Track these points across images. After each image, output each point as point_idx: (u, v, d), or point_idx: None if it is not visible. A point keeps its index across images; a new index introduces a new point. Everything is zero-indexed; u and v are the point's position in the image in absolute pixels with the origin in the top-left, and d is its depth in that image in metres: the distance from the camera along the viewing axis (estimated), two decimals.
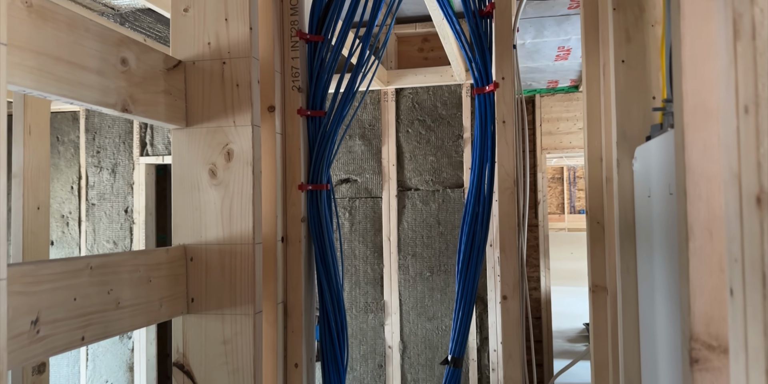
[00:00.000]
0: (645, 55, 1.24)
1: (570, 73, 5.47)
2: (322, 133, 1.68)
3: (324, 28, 1.69)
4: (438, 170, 3.81)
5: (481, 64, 1.59)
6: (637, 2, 1.25)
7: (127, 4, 2.48)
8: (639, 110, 1.23)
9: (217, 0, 1.46)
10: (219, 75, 1.45)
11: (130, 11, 2.66)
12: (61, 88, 1.05)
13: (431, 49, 4.05)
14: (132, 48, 1.26)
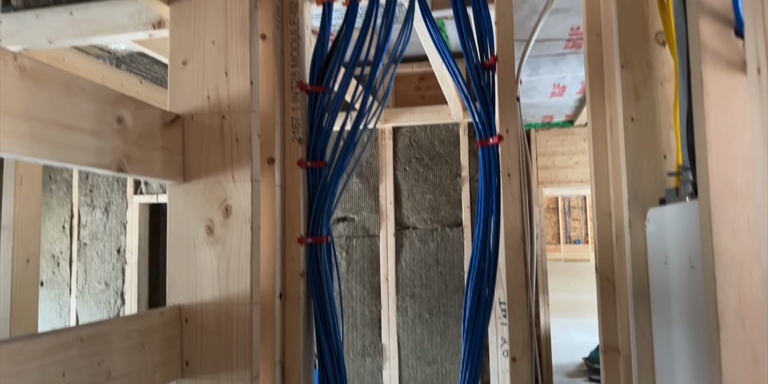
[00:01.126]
0: (655, 113, 1.21)
1: (565, 108, 5.49)
2: (323, 184, 1.64)
3: (325, 79, 1.67)
4: (436, 208, 3.77)
5: (484, 116, 1.56)
6: (645, 60, 1.23)
7: (124, 48, 2.46)
8: (650, 169, 1.20)
9: (217, 53, 1.43)
10: (218, 129, 1.42)
11: (126, 54, 2.64)
12: (54, 153, 1.01)
13: (428, 88, 4.05)
14: (128, 105, 1.22)
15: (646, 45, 1.23)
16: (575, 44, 3.71)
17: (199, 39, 1.45)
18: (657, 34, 1.24)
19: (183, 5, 1.46)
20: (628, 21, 1.25)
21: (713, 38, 0.72)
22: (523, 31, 3.36)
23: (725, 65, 0.72)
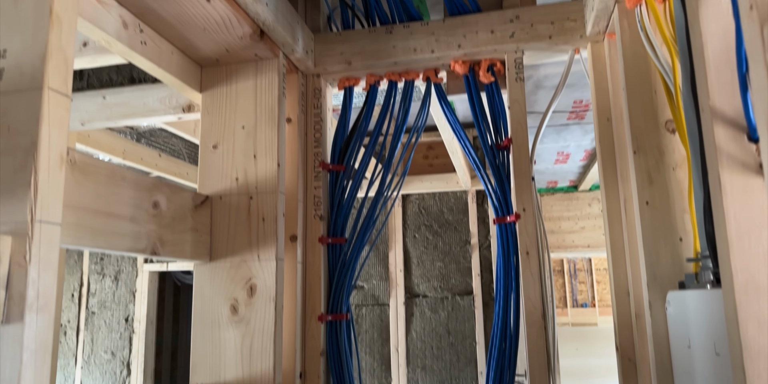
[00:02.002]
0: (668, 197, 1.26)
1: (569, 174, 5.58)
2: (343, 260, 1.68)
3: (345, 159, 1.74)
4: (446, 276, 3.77)
5: (501, 194, 1.62)
6: (656, 146, 1.29)
7: (146, 125, 2.56)
8: (667, 252, 1.24)
9: (246, 137, 1.51)
10: (245, 209, 1.47)
11: (147, 129, 2.74)
12: (96, 240, 1.05)
13: (436, 157, 4.15)
14: (163, 190, 1.28)
15: (657, 132, 1.30)
16: (578, 116, 3.82)
17: (229, 124, 1.52)
18: (666, 122, 1.31)
19: (215, 93, 1.55)
20: (638, 110, 1.32)
21: (728, 143, 0.78)
22: (528, 103, 3.48)
23: (741, 167, 0.77)
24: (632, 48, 1.36)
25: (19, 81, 0.73)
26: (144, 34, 1.32)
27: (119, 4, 1.24)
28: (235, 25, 1.37)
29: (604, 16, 1.44)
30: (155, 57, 1.35)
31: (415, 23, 1.71)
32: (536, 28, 1.60)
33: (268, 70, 1.55)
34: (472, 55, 1.68)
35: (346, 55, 1.73)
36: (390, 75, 1.77)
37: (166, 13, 1.29)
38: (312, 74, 1.77)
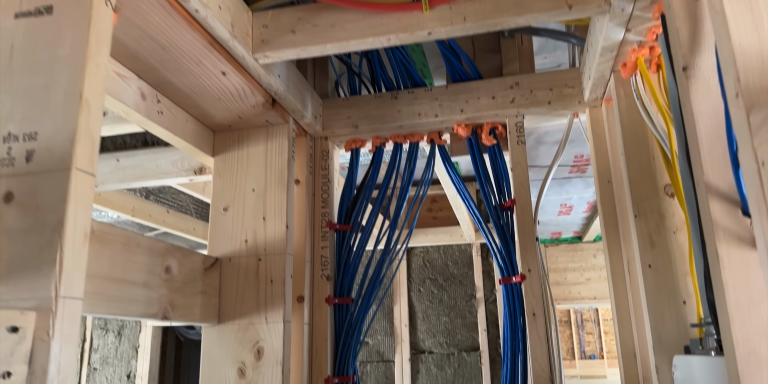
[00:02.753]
0: (671, 260, 1.28)
1: (573, 225, 5.60)
2: (349, 321, 1.68)
3: (352, 219, 1.77)
4: (452, 332, 3.74)
5: (506, 255, 1.64)
6: (656, 210, 1.33)
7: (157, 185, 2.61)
8: (671, 315, 1.25)
9: (256, 200, 1.55)
10: (254, 271, 1.49)
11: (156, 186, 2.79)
12: (110, 308, 1.08)
13: (440, 209, 4.18)
14: (175, 254, 1.31)
15: (657, 197, 1.34)
16: (580, 169, 3.88)
17: (240, 187, 1.57)
18: (665, 186, 1.35)
19: (227, 157, 1.60)
20: (638, 174, 1.36)
21: (723, 217, 0.81)
22: (530, 158, 3.54)
23: (737, 241, 0.80)
24: (629, 114, 1.41)
25: (49, 162, 0.77)
26: (161, 104, 1.38)
27: (138, 77, 1.31)
28: (249, 95, 1.43)
29: (601, 84, 1.51)
30: (171, 125, 1.41)
31: (419, 89, 1.78)
32: (536, 94, 1.67)
33: (278, 135, 1.60)
34: (474, 119, 1.74)
35: (353, 119, 1.79)
36: (395, 137, 1.83)
37: (183, 85, 1.36)
38: (320, 137, 1.83)
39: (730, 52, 0.70)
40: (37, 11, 0.85)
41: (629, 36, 1.27)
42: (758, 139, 0.65)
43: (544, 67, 2.65)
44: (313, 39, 1.30)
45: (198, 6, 1.08)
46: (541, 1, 1.19)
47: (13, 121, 0.80)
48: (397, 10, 1.26)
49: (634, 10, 1.17)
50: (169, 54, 1.21)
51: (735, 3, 0.71)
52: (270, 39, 1.31)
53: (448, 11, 1.24)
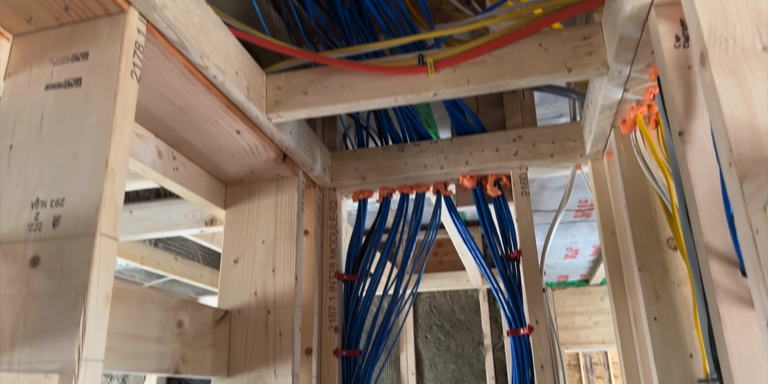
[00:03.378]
0: (676, 313, 1.30)
1: (579, 269, 5.58)
2: (357, 373, 1.69)
3: (360, 269, 1.80)
4: (460, 380, 3.69)
5: (513, 306, 1.65)
6: (660, 263, 1.35)
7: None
8: (678, 368, 1.25)
9: (266, 252, 1.58)
10: (263, 324, 1.51)
11: None
12: (125, 364, 1.09)
13: (446, 254, 4.19)
14: (187, 308, 1.33)
15: (660, 250, 1.36)
16: (584, 214, 3.90)
17: (250, 239, 1.60)
18: (668, 239, 1.37)
19: (238, 209, 1.64)
20: (640, 227, 1.39)
21: (724, 278, 0.84)
22: (534, 203, 3.57)
23: (738, 301, 0.82)
24: (630, 169, 1.45)
25: (74, 227, 0.81)
26: (176, 161, 1.43)
27: (156, 136, 1.36)
28: (261, 151, 1.48)
29: (602, 139, 1.55)
30: (185, 181, 1.46)
31: (424, 142, 1.83)
32: (538, 147, 1.72)
33: (288, 188, 1.64)
34: (479, 171, 1.78)
35: (361, 171, 1.84)
36: (402, 188, 1.87)
37: (198, 143, 1.41)
38: (329, 188, 1.87)
39: (722, 124, 0.74)
40: (67, 83, 0.90)
41: (627, 95, 1.32)
42: (752, 208, 0.68)
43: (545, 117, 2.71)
44: (325, 100, 1.36)
45: (216, 72, 1.14)
46: (542, 65, 1.25)
47: (41, 188, 0.85)
48: (404, 73, 1.32)
49: (631, 73, 1.22)
50: (186, 115, 1.27)
51: (724, 77, 0.76)
52: (283, 100, 1.36)
53: (452, 74, 1.30)
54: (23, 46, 0.95)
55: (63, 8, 0.91)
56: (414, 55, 1.35)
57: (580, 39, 1.25)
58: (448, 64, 1.31)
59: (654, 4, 0.99)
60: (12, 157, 0.88)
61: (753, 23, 0.77)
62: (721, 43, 0.77)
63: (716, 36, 0.78)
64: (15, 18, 0.93)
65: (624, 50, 1.14)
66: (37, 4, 0.90)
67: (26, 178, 0.86)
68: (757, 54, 0.76)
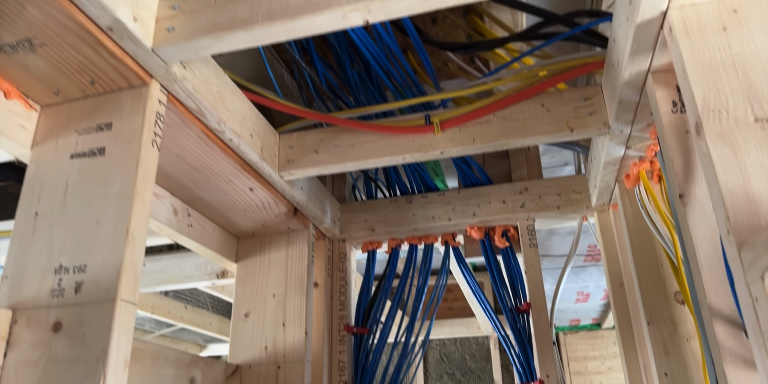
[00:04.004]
0: (686, 368, 1.30)
1: (591, 312, 5.52)
2: None
3: (369, 321, 1.80)
4: None
5: (523, 359, 1.65)
6: (669, 317, 1.36)
7: None
8: None
9: (276, 306, 1.59)
10: (273, 380, 1.51)
11: None
12: None
13: (455, 300, 4.17)
14: (199, 365, 1.34)
15: (668, 304, 1.37)
16: (594, 258, 3.90)
17: (261, 293, 1.62)
18: (675, 293, 1.39)
19: (249, 263, 1.67)
20: (648, 281, 1.40)
21: (728, 340, 0.85)
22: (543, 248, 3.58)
23: (743, 363, 0.83)
24: (635, 222, 1.48)
25: (96, 293, 0.84)
26: (191, 218, 1.47)
27: (172, 194, 1.40)
28: (273, 206, 1.52)
29: (607, 192, 1.58)
30: (199, 236, 1.49)
31: (432, 193, 1.87)
32: (544, 199, 1.75)
33: (299, 241, 1.67)
34: (486, 222, 1.80)
35: (370, 223, 1.87)
36: (410, 239, 1.89)
37: (212, 200, 1.45)
38: (338, 239, 1.90)
39: (718, 193, 0.77)
40: (91, 152, 0.95)
41: (630, 152, 1.35)
42: (750, 276, 0.70)
43: (551, 165, 2.75)
44: (335, 158, 1.40)
45: (232, 136, 1.18)
46: (545, 125, 1.29)
47: (65, 254, 0.88)
48: (412, 133, 1.37)
49: (632, 132, 1.26)
50: (202, 175, 1.31)
51: (719, 147, 0.79)
52: (295, 158, 1.41)
53: (458, 133, 1.34)
54: (50, 117, 1.00)
55: (89, 82, 0.97)
56: (421, 115, 1.40)
57: (581, 100, 1.30)
58: (454, 124, 1.35)
59: (651, 71, 1.04)
60: (37, 223, 0.92)
61: (744, 95, 0.81)
62: (715, 115, 0.81)
63: (710, 107, 0.82)
64: (44, 91, 0.98)
65: (624, 112, 1.18)
66: (65, 79, 0.96)
67: (50, 245, 0.89)
68: (750, 125, 0.79)
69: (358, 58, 1.51)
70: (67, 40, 0.87)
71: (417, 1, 0.86)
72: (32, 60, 0.91)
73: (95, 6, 0.82)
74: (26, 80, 0.95)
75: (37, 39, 0.86)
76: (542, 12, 1.29)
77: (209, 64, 1.10)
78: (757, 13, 0.86)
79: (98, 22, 0.85)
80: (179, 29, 0.92)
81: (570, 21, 1.27)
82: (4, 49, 0.88)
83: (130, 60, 0.93)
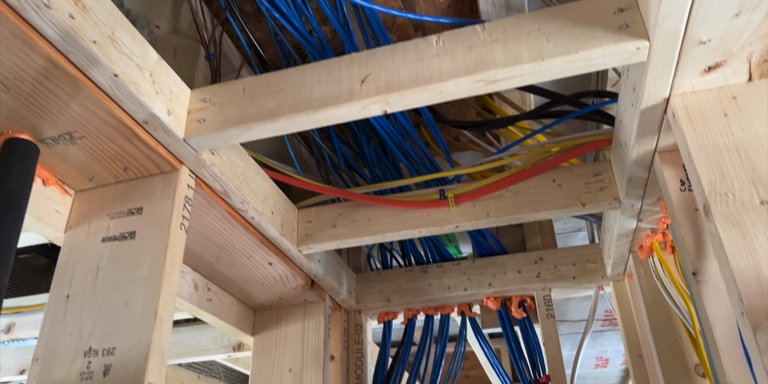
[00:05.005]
0: None
1: (611, 378, 5.36)
2: None
3: None
4: None
5: None
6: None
7: None
8: None
9: (293, 380, 1.59)
10: None
11: None
12: None
13: (472, 367, 4.08)
14: None
15: (688, 377, 1.35)
16: (612, 323, 3.83)
17: (277, 367, 1.62)
18: (695, 366, 1.37)
19: (266, 336, 1.67)
20: (666, 354, 1.40)
21: None
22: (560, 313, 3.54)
23: None
24: (651, 293, 1.48)
25: (124, 376, 0.86)
26: (210, 292, 1.49)
27: (193, 270, 1.43)
28: (291, 279, 1.54)
29: (621, 263, 1.60)
30: (218, 310, 1.51)
31: (447, 263, 1.89)
32: (560, 269, 1.76)
33: (315, 313, 1.68)
34: (502, 293, 1.81)
35: (386, 293, 1.88)
36: (426, 309, 1.90)
37: (231, 275, 1.48)
38: (354, 310, 1.91)
39: (730, 275, 0.79)
40: (122, 236, 0.99)
41: (642, 225, 1.38)
42: (767, 359, 0.71)
43: (564, 231, 2.77)
44: (352, 232, 1.44)
45: (254, 214, 1.23)
46: (557, 200, 1.33)
47: (94, 337, 0.91)
48: (427, 207, 1.41)
49: (643, 206, 1.29)
50: (223, 251, 1.35)
51: (728, 229, 0.82)
52: (313, 233, 1.45)
53: (472, 208, 1.38)
54: (84, 202, 1.05)
55: (123, 169, 1.02)
56: (435, 190, 1.44)
57: (592, 175, 1.34)
58: (468, 199, 1.39)
59: (657, 151, 1.08)
60: (68, 306, 0.95)
61: (749, 179, 0.85)
62: (722, 197, 0.85)
63: (716, 190, 0.85)
64: (79, 178, 1.04)
65: (634, 188, 1.22)
66: (101, 166, 1.01)
67: (80, 327, 0.92)
68: (756, 208, 0.83)
69: (374, 136, 1.58)
70: (104, 132, 0.93)
71: (433, 93, 0.92)
72: (71, 150, 0.96)
73: (133, 103, 0.88)
74: (63, 168, 1.01)
75: (77, 132, 0.92)
76: (550, 93, 1.35)
77: (235, 148, 1.16)
78: (755, 100, 0.91)
79: (135, 116, 0.91)
80: (210, 120, 0.98)
81: (576, 101, 1.33)
82: (45, 141, 0.94)
83: (163, 149, 0.99)
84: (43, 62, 0.79)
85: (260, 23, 1.45)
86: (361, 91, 0.94)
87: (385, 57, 0.96)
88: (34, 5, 0.72)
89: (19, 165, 0.90)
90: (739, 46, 0.86)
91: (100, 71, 0.82)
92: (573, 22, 0.89)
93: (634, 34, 0.85)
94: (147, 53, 0.91)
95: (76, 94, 0.85)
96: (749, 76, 0.91)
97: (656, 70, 0.88)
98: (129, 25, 0.88)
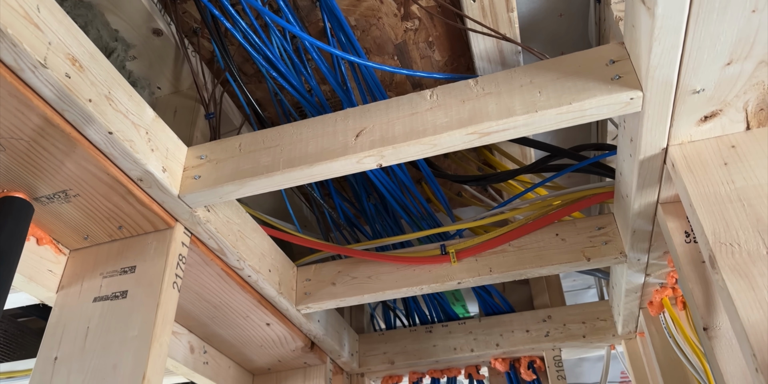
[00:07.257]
0: None
1: None
2: None
3: None
4: None
5: None
6: None
7: None
8: None
9: None
10: None
11: None
12: None
13: None
14: None
15: None
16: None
17: None
18: None
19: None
20: None
21: None
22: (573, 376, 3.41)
23: None
24: (664, 351, 1.42)
25: None
26: (207, 355, 1.45)
27: (189, 331, 1.39)
28: (290, 341, 1.50)
29: (632, 320, 1.55)
30: (214, 374, 1.46)
31: (453, 322, 1.83)
32: (569, 327, 1.70)
33: (315, 377, 1.62)
34: (511, 353, 1.75)
35: (389, 355, 1.81)
36: (432, 372, 1.83)
37: (229, 336, 1.44)
38: (356, 373, 1.84)
39: (741, 329, 0.75)
40: (114, 296, 0.97)
41: (650, 279, 1.34)
42: None
43: (573, 289, 2.71)
44: (352, 290, 1.40)
45: (251, 272, 1.20)
46: (561, 255, 1.30)
47: None
48: (428, 263, 1.38)
49: (649, 260, 1.26)
50: (219, 311, 1.32)
51: (736, 281, 0.79)
52: (312, 291, 1.41)
53: (474, 263, 1.35)
54: (78, 261, 1.04)
55: (117, 227, 1.01)
56: (436, 245, 1.42)
57: (595, 229, 1.31)
58: (470, 254, 1.37)
59: (660, 202, 1.06)
60: (56, 369, 0.91)
61: (754, 229, 0.82)
62: (727, 248, 0.82)
63: (721, 241, 0.83)
64: (74, 236, 1.02)
65: (639, 241, 1.19)
66: (95, 225, 1.00)
67: None
68: (763, 258, 0.80)
69: (374, 192, 1.57)
70: (99, 190, 0.92)
71: (427, 146, 0.92)
72: (66, 209, 0.96)
73: (128, 160, 0.88)
74: (58, 227, 1.00)
75: (72, 190, 0.92)
76: (549, 147, 1.35)
77: (231, 204, 1.15)
78: (755, 149, 0.90)
79: (130, 174, 0.91)
80: (205, 177, 0.98)
81: (576, 154, 1.32)
82: (40, 199, 0.93)
83: (157, 206, 0.98)
84: (38, 121, 0.80)
85: (261, 83, 1.47)
86: (355, 144, 0.94)
87: (380, 111, 0.97)
88: (31, 65, 0.73)
89: (12, 224, 0.89)
90: (734, 95, 0.85)
91: (95, 129, 0.82)
92: (565, 74, 0.89)
93: (627, 85, 0.86)
94: (143, 111, 0.92)
95: (71, 152, 0.85)
96: (747, 125, 0.91)
97: (652, 120, 0.88)
98: (126, 84, 0.89)
